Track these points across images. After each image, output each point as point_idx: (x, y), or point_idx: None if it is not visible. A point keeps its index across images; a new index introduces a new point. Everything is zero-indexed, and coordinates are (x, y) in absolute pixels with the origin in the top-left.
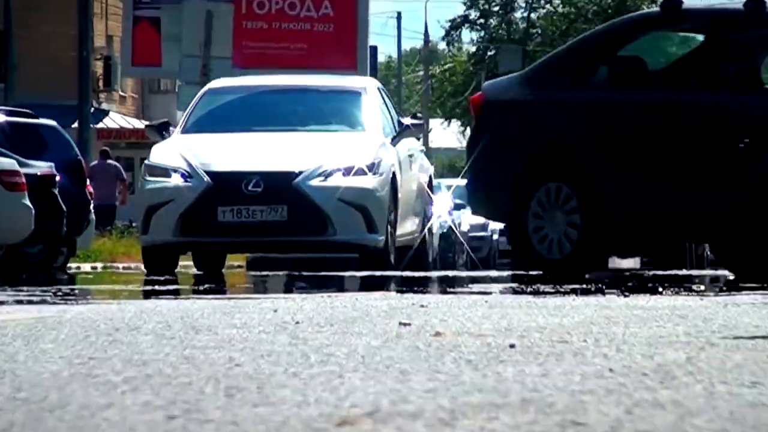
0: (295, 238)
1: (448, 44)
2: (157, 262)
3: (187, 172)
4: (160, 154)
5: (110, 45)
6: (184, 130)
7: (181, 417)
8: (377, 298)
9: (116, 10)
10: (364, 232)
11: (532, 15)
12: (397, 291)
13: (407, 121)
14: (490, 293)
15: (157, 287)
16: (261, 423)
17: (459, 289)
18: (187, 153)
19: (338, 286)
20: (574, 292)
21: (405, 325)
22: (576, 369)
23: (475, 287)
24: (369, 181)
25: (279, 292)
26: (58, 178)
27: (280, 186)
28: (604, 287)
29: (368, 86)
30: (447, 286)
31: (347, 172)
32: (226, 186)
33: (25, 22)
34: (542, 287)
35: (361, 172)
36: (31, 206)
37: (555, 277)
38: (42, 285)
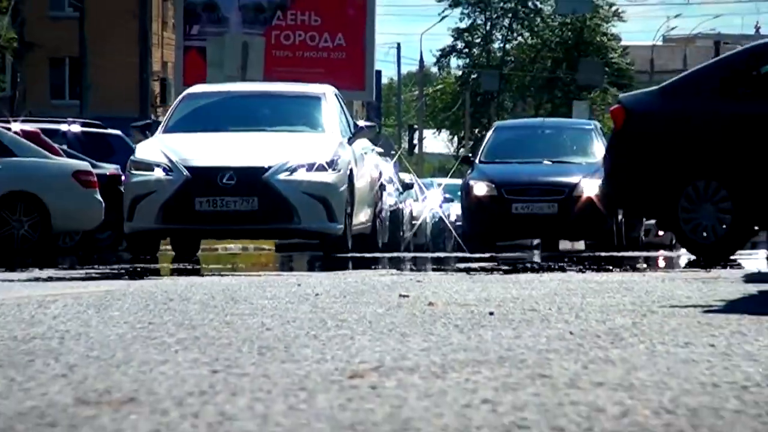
0: (265, 226)
1: (439, 69)
2: (140, 246)
3: (168, 166)
4: (144, 151)
5: (165, 69)
6: (165, 130)
7: (222, 371)
8: (382, 274)
9: (170, 41)
10: (326, 221)
11: (507, 45)
12: (397, 269)
13: (361, 123)
14: (475, 271)
15: (201, 266)
16: (287, 376)
17: (447, 268)
18: (167, 150)
19: (348, 265)
20: (540, 269)
21: (404, 296)
22: (542, 332)
23: (461, 265)
24: (329, 176)
25: (302, 270)
26: (123, 177)
27: (251, 179)
28: (564, 266)
29: (327, 92)
30: (439, 265)
31: (310, 167)
32: (203, 179)
33: (97, 51)
34: (518, 265)
35: (322, 168)
36: (101, 200)
37: (707, 259)
38: (110, 264)
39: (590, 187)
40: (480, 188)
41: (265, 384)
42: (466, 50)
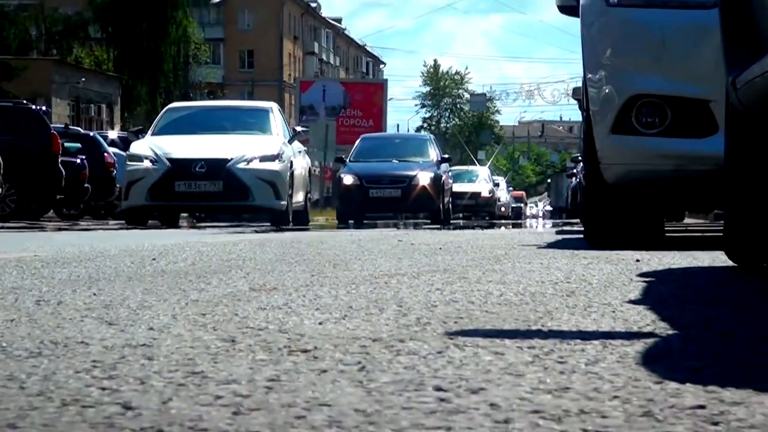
0: (228, 203)
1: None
2: (134, 219)
3: (155, 158)
4: (137, 147)
5: None
6: (153, 134)
7: (316, 275)
8: (389, 230)
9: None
10: (274, 199)
11: (448, 124)
12: (397, 227)
13: (297, 128)
14: (438, 229)
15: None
16: (346, 277)
17: (425, 228)
18: (154, 146)
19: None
20: (465, 228)
21: (400, 241)
22: (464, 257)
23: (427, 227)
24: (276, 166)
25: (348, 230)
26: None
27: (217, 167)
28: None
29: (273, 107)
30: (420, 226)
31: (262, 159)
32: (181, 167)
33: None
34: (461, 224)
35: (271, 159)
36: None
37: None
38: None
39: (424, 178)
40: (348, 179)
41: (335, 281)
42: (428, 126)
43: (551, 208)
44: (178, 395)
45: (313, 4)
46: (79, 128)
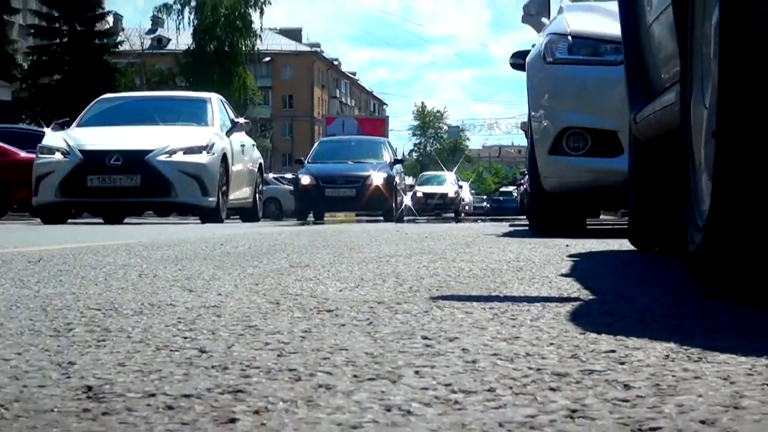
0: (147, 199)
1: (409, 154)
2: (48, 216)
3: (66, 150)
4: (49, 139)
5: None
6: (78, 125)
7: (338, 256)
8: (390, 224)
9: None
10: (200, 196)
11: (430, 148)
12: (395, 222)
13: (238, 120)
14: (425, 222)
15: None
16: (358, 257)
17: (419, 221)
18: (68, 138)
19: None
20: (445, 221)
21: (397, 231)
22: (443, 243)
23: (419, 220)
24: (203, 158)
25: (364, 223)
26: None
27: (134, 160)
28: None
29: (212, 98)
30: (412, 221)
31: (187, 151)
32: (94, 160)
33: None
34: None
35: (198, 151)
36: None
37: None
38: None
39: (377, 178)
40: (305, 180)
41: (351, 260)
42: (417, 150)
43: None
44: (238, 342)
45: (336, 62)
46: None
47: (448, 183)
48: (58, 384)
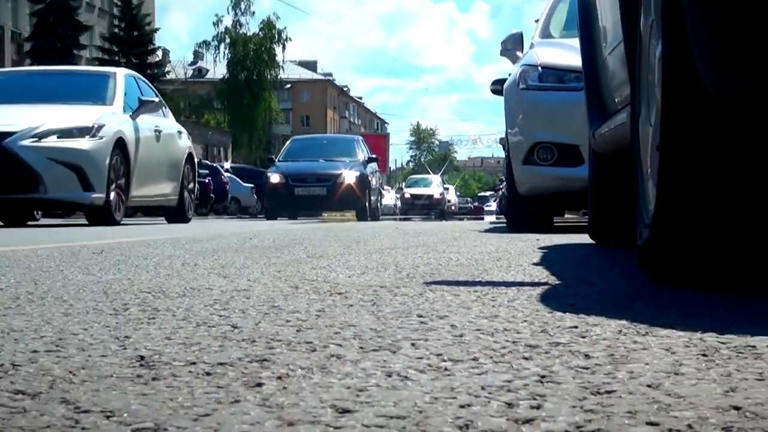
0: (5, 196)
1: (406, 164)
2: None
3: None
4: None
5: None
6: None
7: (347, 247)
8: (390, 222)
9: None
10: (79, 191)
11: (424, 159)
12: (393, 219)
13: (144, 98)
14: (415, 220)
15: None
16: (364, 249)
17: (412, 218)
18: None
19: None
20: (433, 219)
21: (396, 228)
22: (435, 237)
23: (417, 219)
24: (85, 143)
25: (365, 221)
26: None
27: None
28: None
29: (118, 73)
30: (402, 219)
31: (63, 134)
32: None
33: None
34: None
35: (78, 134)
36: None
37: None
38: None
39: (350, 177)
40: (274, 178)
41: (358, 251)
42: (413, 161)
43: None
44: (264, 319)
45: (345, 89)
46: (207, 161)
47: (434, 185)
48: (116, 354)
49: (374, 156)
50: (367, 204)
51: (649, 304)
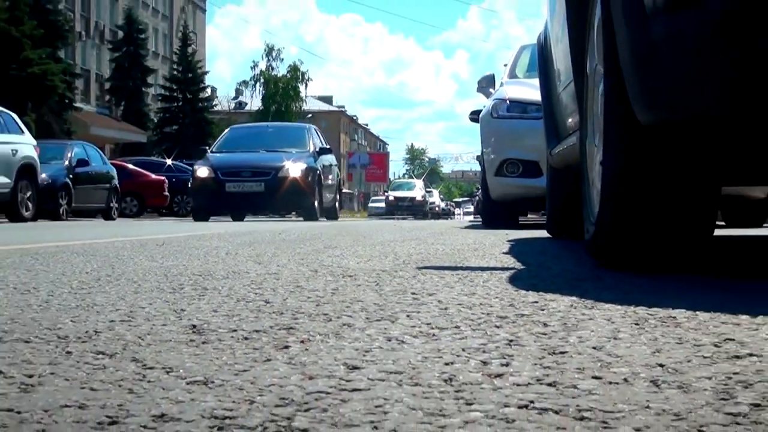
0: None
1: (402, 176)
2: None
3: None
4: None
5: None
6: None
7: (354, 242)
8: (389, 220)
9: None
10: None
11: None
12: (395, 217)
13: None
14: (409, 219)
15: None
16: (369, 242)
17: (406, 218)
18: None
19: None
20: (422, 217)
21: (395, 225)
22: (425, 232)
23: (410, 217)
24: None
25: (371, 220)
26: None
27: None
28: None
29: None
30: (403, 218)
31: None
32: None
33: None
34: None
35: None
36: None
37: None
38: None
39: (294, 169)
40: (202, 172)
41: (365, 243)
42: (408, 173)
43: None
44: (290, 296)
45: (354, 117)
46: None
47: (417, 188)
48: (174, 323)
49: (328, 147)
50: (316, 202)
51: (594, 284)
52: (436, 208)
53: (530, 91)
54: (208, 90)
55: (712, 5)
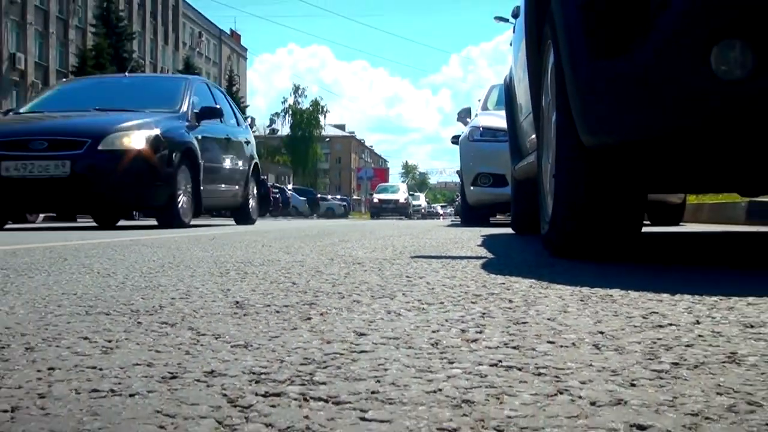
0: None
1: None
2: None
3: None
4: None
5: None
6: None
7: (363, 236)
8: (390, 221)
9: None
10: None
11: None
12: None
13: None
14: (402, 219)
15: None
16: (373, 236)
17: (384, 217)
18: None
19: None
20: (420, 218)
21: (394, 223)
22: (417, 229)
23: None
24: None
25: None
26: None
27: None
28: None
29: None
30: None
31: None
32: None
33: None
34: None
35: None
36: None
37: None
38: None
39: (138, 139)
40: None
41: (370, 237)
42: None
43: (452, 212)
44: (312, 279)
45: (362, 140)
46: (278, 184)
47: (401, 192)
48: (221, 300)
49: (216, 107)
50: (182, 196)
51: (548, 269)
52: (422, 210)
53: (499, 120)
54: (249, 119)
55: (637, 55)
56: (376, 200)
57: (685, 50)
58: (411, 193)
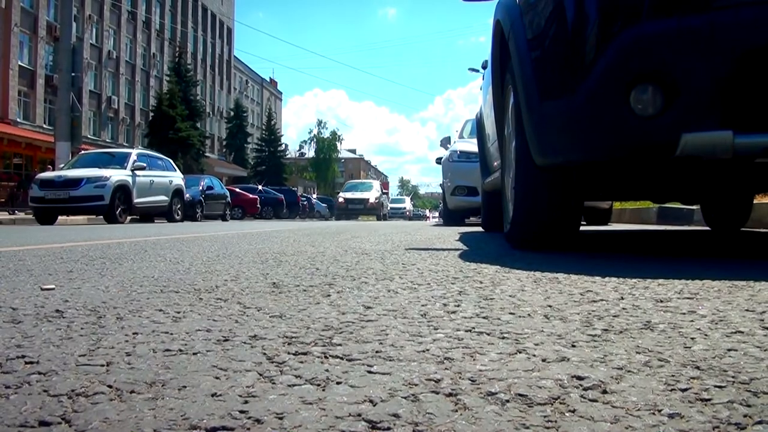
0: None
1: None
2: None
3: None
4: None
5: None
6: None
7: (369, 233)
8: (393, 221)
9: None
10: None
11: None
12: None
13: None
14: (401, 220)
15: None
16: (377, 233)
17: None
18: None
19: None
20: (411, 219)
21: (394, 224)
22: (411, 228)
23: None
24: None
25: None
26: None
27: None
28: None
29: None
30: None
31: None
32: None
33: None
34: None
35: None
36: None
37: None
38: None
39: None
40: None
41: (375, 234)
42: (399, 194)
43: (437, 215)
44: (331, 265)
45: (368, 161)
46: (305, 194)
47: (373, 190)
48: (261, 282)
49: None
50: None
51: (510, 258)
52: (408, 213)
53: (472, 146)
54: (283, 145)
55: (575, 97)
56: (341, 199)
57: (611, 93)
58: (398, 196)
